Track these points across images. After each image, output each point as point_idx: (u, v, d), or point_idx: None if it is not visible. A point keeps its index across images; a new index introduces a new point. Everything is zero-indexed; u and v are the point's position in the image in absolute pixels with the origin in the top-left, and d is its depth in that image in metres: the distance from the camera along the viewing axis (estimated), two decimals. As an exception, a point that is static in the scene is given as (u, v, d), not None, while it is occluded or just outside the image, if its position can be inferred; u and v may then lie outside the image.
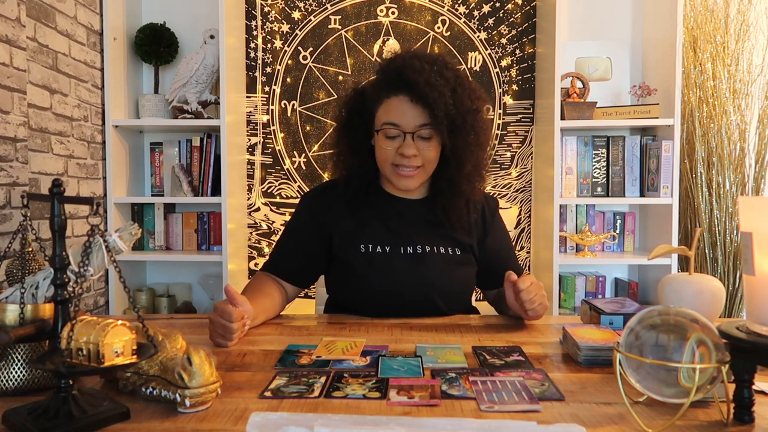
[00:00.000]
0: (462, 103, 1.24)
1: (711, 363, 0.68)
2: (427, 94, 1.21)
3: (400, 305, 1.30)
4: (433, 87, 1.21)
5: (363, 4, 2.60)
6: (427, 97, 1.21)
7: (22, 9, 1.84)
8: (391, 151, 1.27)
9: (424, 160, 1.28)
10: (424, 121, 1.24)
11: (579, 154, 2.45)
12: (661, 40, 2.37)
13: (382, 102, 1.28)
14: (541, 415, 0.74)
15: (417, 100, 1.23)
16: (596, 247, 2.51)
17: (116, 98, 2.36)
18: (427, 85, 1.21)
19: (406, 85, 1.23)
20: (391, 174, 1.31)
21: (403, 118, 1.25)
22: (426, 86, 1.21)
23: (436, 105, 1.21)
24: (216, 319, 1.06)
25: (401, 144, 1.26)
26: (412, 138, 1.25)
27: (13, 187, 1.79)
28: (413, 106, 1.24)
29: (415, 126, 1.25)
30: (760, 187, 2.38)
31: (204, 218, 2.52)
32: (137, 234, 0.86)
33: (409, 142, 1.25)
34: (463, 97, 1.25)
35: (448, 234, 1.37)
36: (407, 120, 1.25)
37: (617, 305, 1.16)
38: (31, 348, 0.82)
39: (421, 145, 1.26)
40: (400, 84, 1.25)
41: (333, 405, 0.77)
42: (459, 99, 1.24)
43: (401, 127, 1.25)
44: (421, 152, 1.27)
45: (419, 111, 1.24)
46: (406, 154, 1.25)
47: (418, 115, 1.24)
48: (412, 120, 1.25)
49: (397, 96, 1.26)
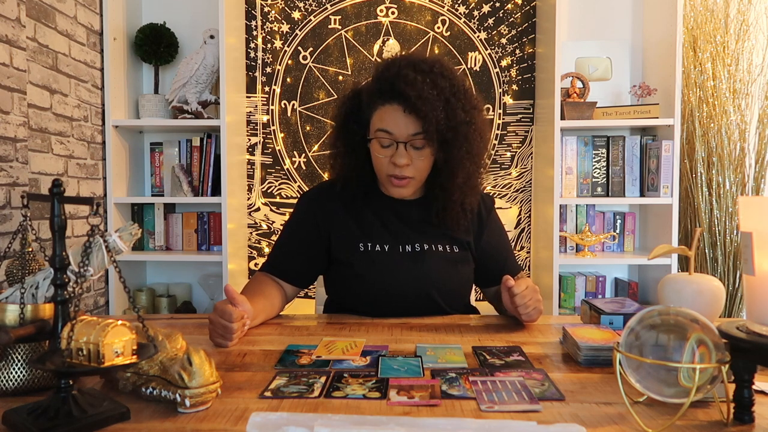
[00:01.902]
0: (455, 115, 1.24)
1: (711, 363, 0.68)
2: (419, 108, 1.21)
3: (400, 304, 1.31)
4: (426, 101, 1.21)
5: (363, 4, 2.60)
6: (419, 110, 1.22)
7: (22, 9, 1.84)
8: (385, 160, 1.28)
9: (416, 170, 1.29)
10: (417, 130, 1.25)
11: (579, 154, 2.45)
12: (661, 40, 2.37)
13: (376, 109, 1.29)
14: (541, 415, 0.74)
15: (410, 111, 1.24)
16: (596, 247, 2.51)
17: (116, 98, 2.36)
18: (419, 99, 1.21)
19: (400, 95, 1.24)
20: (386, 182, 1.33)
21: (396, 127, 1.25)
22: (418, 100, 1.21)
23: (428, 118, 1.22)
24: (216, 319, 1.06)
25: (394, 153, 1.27)
26: (405, 147, 1.26)
27: (13, 187, 1.79)
28: (406, 116, 1.25)
29: (407, 135, 1.25)
30: (760, 187, 2.38)
31: (204, 218, 2.52)
32: (137, 234, 0.86)
33: (402, 152, 1.26)
34: (457, 110, 1.25)
35: (446, 232, 1.37)
36: (400, 129, 1.25)
37: (617, 305, 1.16)
38: (31, 348, 0.82)
39: (414, 154, 1.27)
40: (394, 94, 1.25)
41: (333, 405, 0.77)
42: (452, 111, 1.24)
43: (394, 135, 1.26)
44: (413, 162, 1.27)
45: (412, 121, 1.24)
46: (398, 163, 1.26)
47: (410, 124, 1.24)
48: (405, 129, 1.25)
49: (391, 104, 1.26)
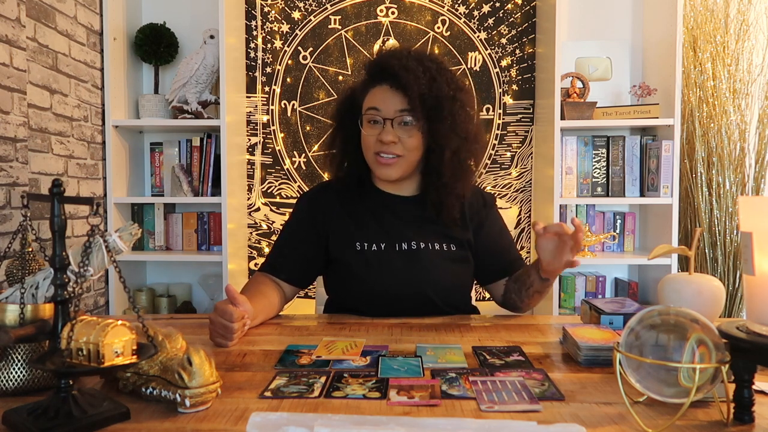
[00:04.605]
0: (440, 89, 1.29)
1: (711, 363, 0.68)
2: (404, 79, 1.27)
3: (397, 302, 1.31)
4: (409, 71, 1.27)
5: (363, 4, 2.60)
6: (405, 81, 1.27)
7: (22, 9, 1.84)
8: (373, 139, 1.31)
9: (405, 148, 1.31)
10: (403, 107, 1.28)
11: (579, 154, 2.45)
12: (661, 40, 2.37)
13: (367, 93, 1.34)
14: (541, 415, 0.74)
15: (397, 88, 1.29)
16: (596, 247, 2.51)
17: (116, 98, 2.36)
18: (403, 69, 1.27)
19: (387, 74, 1.30)
20: (374, 163, 1.34)
21: (384, 104, 1.30)
22: (402, 70, 1.27)
23: (411, 88, 1.26)
24: (216, 319, 1.06)
25: (381, 131, 1.30)
26: (392, 125, 1.29)
27: (13, 187, 1.79)
28: (393, 93, 1.29)
29: (394, 111, 1.29)
30: (760, 187, 2.38)
31: (204, 218, 2.52)
32: (137, 234, 0.86)
33: (389, 129, 1.29)
34: (441, 84, 1.30)
35: (443, 230, 1.37)
36: (387, 105, 1.30)
37: (617, 305, 1.16)
38: (31, 348, 0.82)
39: (401, 133, 1.30)
40: (383, 75, 1.31)
41: (333, 405, 0.77)
42: (437, 86, 1.29)
43: (382, 112, 1.30)
44: (401, 140, 1.30)
45: (399, 98, 1.29)
46: (385, 140, 1.29)
47: (397, 101, 1.29)
48: (392, 105, 1.29)
49: (380, 85, 1.32)
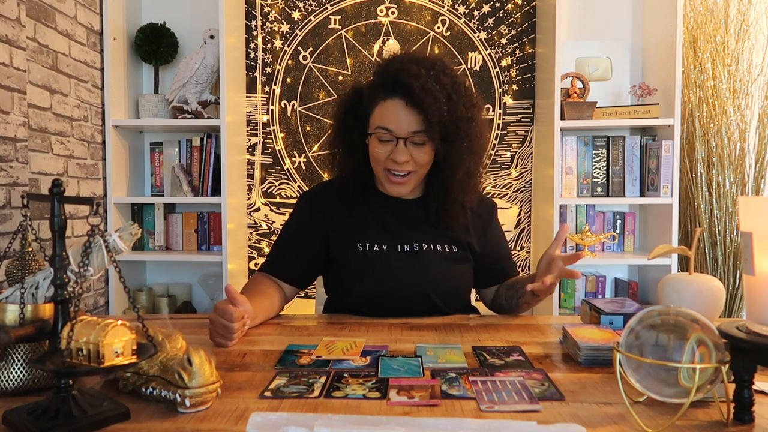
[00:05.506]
0: (457, 110, 1.24)
1: (711, 363, 0.68)
2: (422, 100, 1.20)
3: (397, 303, 1.31)
4: (429, 92, 1.20)
5: (363, 4, 2.60)
6: (422, 102, 1.21)
7: (22, 9, 1.84)
8: (383, 155, 1.27)
9: (416, 164, 1.28)
10: (418, 128, 1.24)
11: (579, 154, 2.45)
12: (661, 40, 2.37)
13: (377, 104, 1.28)
14: (541, 415, 0.74)
15: (412, 105, 1.23)
16: (596, 247, 2.51)
17: (116, 98, 2.36)
18: (422, 90, 1.20)
19: (402, 89, 1.23)
20: (383, 178, 1.31)
21: (397, 124, 1.24)
22: (422, 91, 1.20)
23: (431, 111, 1.21)
24: (216, 319, 1.06)
25: (393, 149, 1.26)
26: (405, 144, 1.25)
27: (13, 187, 1.79)
28: (408, 111, 1.23)
29: (408, 132, 1.24)
30: (760, 187, 2.38)
31: (204, 218, 2.52)
32: (137, 234, 0.86)
33: (401, 148, 1.25)
34: (458, 105, 1.25)
35: (445, 232, 1.37)
36: (401, 125, 1.24)
37: (617, 305, 1.16)
38: (31, 348, 0.82)
39: (413, 151, 1.26)
40: (396, 87, 1.24)
41: (333, 405, 0.77)
42: (454, 106, 1.24)
43: (394, 132, 1.25)
44: (413, 157, 1.26)
45: (414, 117, 1.23)
46: (398, 160, 1.25)
47: (412, 121, 1.24)
48: (406, 126, 1.24)
49: (392, 99, 1.25)
